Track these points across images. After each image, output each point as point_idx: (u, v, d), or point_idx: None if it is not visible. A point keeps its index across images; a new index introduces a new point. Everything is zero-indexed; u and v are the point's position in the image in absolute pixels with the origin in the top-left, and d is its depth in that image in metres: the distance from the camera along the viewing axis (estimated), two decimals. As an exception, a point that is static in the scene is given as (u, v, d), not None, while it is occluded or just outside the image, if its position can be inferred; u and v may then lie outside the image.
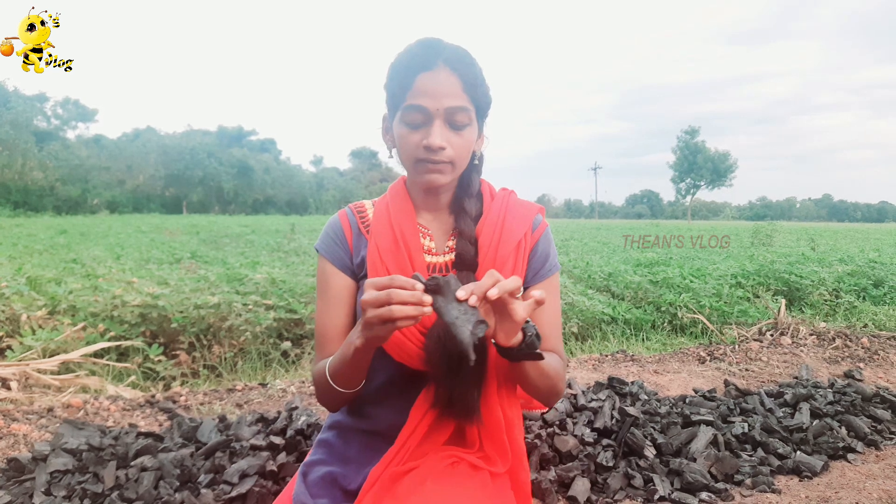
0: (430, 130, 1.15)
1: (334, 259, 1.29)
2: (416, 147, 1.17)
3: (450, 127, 1.17)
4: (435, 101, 1.14)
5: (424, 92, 1.14)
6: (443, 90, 1.14)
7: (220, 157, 56.86)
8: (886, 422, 2.57)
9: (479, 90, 1.19)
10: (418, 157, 1.17)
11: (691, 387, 3.06)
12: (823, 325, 4.42)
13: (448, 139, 1.16)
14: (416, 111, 1.15)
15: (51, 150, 42.76)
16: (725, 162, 78.87)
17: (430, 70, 1.14)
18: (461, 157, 1.20)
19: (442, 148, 1.16)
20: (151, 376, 3.64)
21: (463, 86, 1.16)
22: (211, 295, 4.47)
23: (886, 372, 3.44)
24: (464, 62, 1.16)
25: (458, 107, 1.15)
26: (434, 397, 1.21)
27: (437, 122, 1.15)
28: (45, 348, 3.48)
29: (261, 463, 1.94)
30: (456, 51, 1.17)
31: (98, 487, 1.81)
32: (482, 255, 1.22)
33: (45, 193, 40.06)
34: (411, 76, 1.14)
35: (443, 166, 1.18)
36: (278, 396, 2.90)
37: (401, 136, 1.19)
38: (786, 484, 2.05)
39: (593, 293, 6.09)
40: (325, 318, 1.29)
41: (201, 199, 55.86)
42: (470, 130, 1.19)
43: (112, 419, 2.53)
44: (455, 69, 1.15)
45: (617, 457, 2.13)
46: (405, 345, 1.20)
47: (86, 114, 56.70)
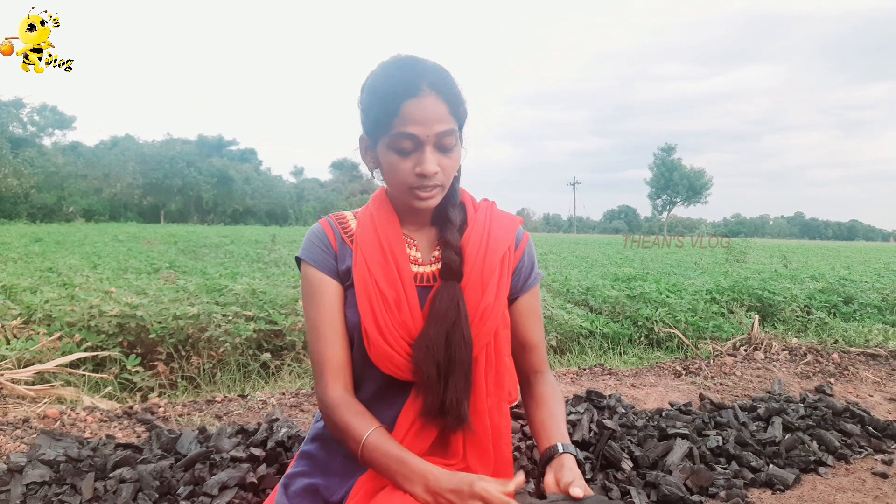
0: (423, 157, 1.15)
1: (323, 265, 1.28)
2: (408, 174, 1.17)
3: (439, 151, 1.17)
4: (425, 129, 1.14)
5: (413, 120, 1.13)
6: (432, 117, 1.14)
7: (199, 167, 56.27)
8: (856, 436, 2.63)
9: (461, 108, 1.20)
10: (411, 184, 1.18)
11: (667, 400, 3.10)
12: (795, 341, 4.51)
13: (439, 163, 1.17)
14: (406, 139, 1.15)
15: (26, 157, 41.94)
16: (701, 179, 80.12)
17: (416, 97, 1.13)
18: (450, 177, 1.22)
19: (435, 174, 1.17)
20: (128, 387, 3.59)
21: (448, 109, 1.16)
22: (190, 305, 4.43)
23: (856, 387, 3.52)
24: (447, 84, 1.17)
25: (447, 131, 1.16)
26: (423, 406, 1.23)
27: (427, 148, 1.15)
28: (20, 358, 3.42)
29: (241, 475, 1.93)
30: (437, 72, 1.17)
31: (76, 499, 1.79)
32: (469, 266, 1.24)
33: (20, 200, 39.28)
34: (397, 103, 1.13)
35: (435, 191, 1.20)
36: (258, 408, 2.89)
37: (390, 163, 1.18)
38: (759, 497, 2.10)
39: (572, 307, 6.14)
40: (323, 328, 1.26)
41: (180, 209, 55.20)
42: (457, 149, 1.21)
43: (89, 430, 2.50)
44: (440, 93, 1.15)
45: (595, 469, 2.16)
46: (393, 357, 1.21)
47: (63, 121, 55.75)
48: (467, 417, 1.24)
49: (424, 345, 1.20)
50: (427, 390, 1.21)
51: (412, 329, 1.22)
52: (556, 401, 1.33)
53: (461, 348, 1.20)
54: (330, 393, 1.24)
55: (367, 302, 1.21)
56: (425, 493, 1.08)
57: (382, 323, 1.20)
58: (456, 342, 1.20)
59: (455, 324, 1.20)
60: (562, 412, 1.31)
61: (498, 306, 1.25)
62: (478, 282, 1.23)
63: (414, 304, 1.23)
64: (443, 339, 1.19)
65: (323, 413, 1.26)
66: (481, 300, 1.23)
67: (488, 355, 1.27)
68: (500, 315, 1.27)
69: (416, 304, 1.24)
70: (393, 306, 1.22)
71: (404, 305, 1.22)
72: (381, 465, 1.15)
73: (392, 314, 1.21)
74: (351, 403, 1.24)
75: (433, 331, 1.20)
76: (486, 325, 1.24)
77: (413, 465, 1.12)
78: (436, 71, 1.17)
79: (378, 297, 1.21)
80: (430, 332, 1.20)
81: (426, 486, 1.09)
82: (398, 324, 1.22)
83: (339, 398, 1.23)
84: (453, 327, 1.20)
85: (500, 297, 1.26)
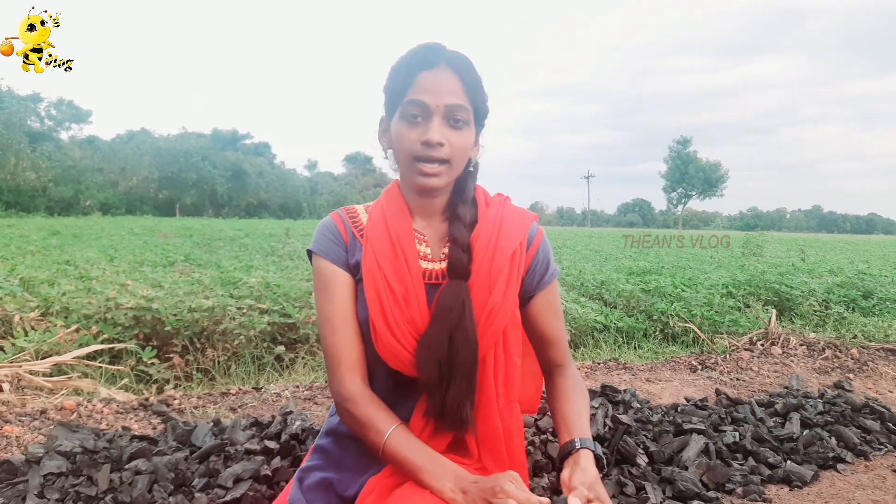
0: (429, 126, 1.16)
1: (334, 257, 1.27)
2: (413, 143, 1.17)
3: (448, 125, 1.17)
4: (436, 98, 1.15)
5: (426, 89, 1.16)
6: (444, 88, 1.16)
7: (214, 160, 56.56)
8: (875, 432, 2.60)
9: (479, 96, 1.21)
10: (415, 153, 1.18)
11: (683, 395, 3.08)
12: (813, 336, 4.46)
13: (446, 136, 1.17)
14: (416, 106, 1.16)
15: (44, 151, 42.44)
16: (716, 172, 79.27)
17: (433, 69, 1.16)
18: (458, 157, 1.20)
19: (440, 144, 1.16)
20: (144, 379, 3.63)
21: (464, 87, 1.17)
22: (205, 298, 4.46)
23: (875, 383, 3.47)
24: (465, 66, 1.19)
25: (459, 105, 1.17)
26: (426, 407, 1.22)
27: (436, 118, 1.16)
28: (38, 350, 3.47)
29: (255, 467, 1.94)
30: (458, 55, 1.20)
31: (92, 490, 1.81)
32: (477, 264, 1.22)
33: (38, 194, 39.79)
34: (413, 74, 1.16)
35: (439, 167, 1.18)
36: (272, 401, 2.90)
37: (399, 133, 1.19)
38: (776, 493, 2.07)
39: (586, 301, 6.11)
40: (336, 320, 1.25)
41: (195, 202, 55.55)
42: (468, 131, 1.20)
43: (105, 422, 2.52)
44: (457, 70, 1.18)
45: (609, 464, 2.15)
46: (400, 353, 1.20)
47: (80, 115, 56.42)
48: (469, 420, 1.22)
49: (427, 344, 1.18)
50: (429, 391, 1.20)
51: (419, 325, 1.21)
52: (578, 394, 1.31)
53: (464, 349, 1.18)
54: (348, 385, 1.22)
55: (376, 296, 1.20)
56: (454, 492, 1.07)
57: (391, 317, 1.19)
58: (459, 343, 1.17)
59: (459, 324, 1.17)
60: (584, 406, 1.29)
61: (506, 305, 1.22)
62: (485, 280, 1.21)
63: (422, 301, 1.21)
64: (445, 339, 1.17)
65: (339, 407, 1.24)
66: (489, 299, 1.20)
67: (496, 356, 1.24)
68: (508, 314, 1.23)
69: (424, 301, 1.22)
70: (401, 301, 1.20)
71: (413, 301, 1.21)
72: (405, 461, 1.14)
73: (400, 309, 1.20)
74: (371, 397, 1.22)
75: (436, 330, 1.18)
76: (493, 324, 1.21)
77: (442, 462, 1.13)
78: (457, 53, 1.20)
79: (387, 292, 1.20)
80: (433, 331, 1.19)
81: (455, 484, 1.08)
82: (406, 319, 1.20)
83: (357, 392, 1.22)
84: (457, 327, 1.17)
85: (508, 296, 1.22)
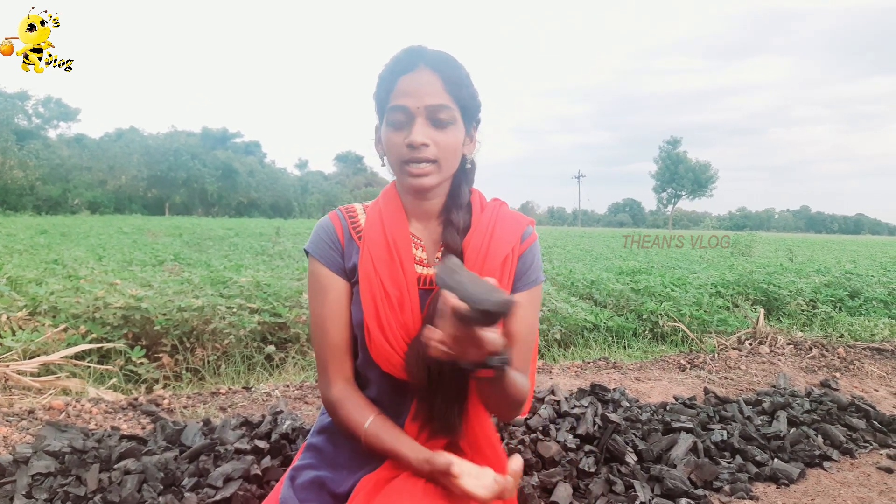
0: (412, 129, 1.16)
1: (329, 262, 1.27)
2: (400, 147, 1.18)
3: (432, 125, 1.18)
4: (415, 100, 1.16)
5: (406, 92, 1.16)
6: (423, 89, 1.16)
7: (203, 159, 56.15)
8: (861, 430, 2.63)
9: (464, 91, 1.20)
10: (402, 157, 1.18)
11: (672, 394, 3.10)
12: (801, 335, 4.50)
13: (431, 137, 1.17)
14: (399, 111, 1.17)
15: (31, 149, 41.99)
16: (706, 172, 79.86)
17: (412, 71, 1.17)
18: (446, 156, 1.20)
19: (424, 145, 1.16)
20: (133, 379, 3.61)
21: (444, 84, 1.17)
22: (195, 298, 4.44)
23: (861, 382, 3.51)
24: (446, 63, 1.19)
25: (439, 104, 1.17)
26: (416, 411, 1.22)
27: (418, 120, 1.17)
28: (26, 349, 3.44)
29: (245, 467, 1.94)
30: (438, 54, 1.20)
31: (81, 490, 1.80)
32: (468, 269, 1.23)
33: (25, 193, 39.36)
34: (394, 79, 1.18)
35: (427, 166, 1.18)
36: (262, 400, 2.90)
37: (387, 139, 1.20)
38: (763, 491, 2.10)
39: (576, 300, 6.13)
40: (328, 325, 1.26)
41: (184, 201, 55.16)
42: (454, 129, 1.20)
43: (94, 422, 2.51)
44: (436, 69, 1.18)
45: (599, 463, 2.16)
46: (392, 357, 1.20)
47: (68, 113, 55.84)
48: (458, 425, 1.23)
49: (416, 350, 1.18)
50: (419, 395, 1.21)
51: (412, 330, 1.21)
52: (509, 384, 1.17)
53: None
54: (333, 390, 1.26)
55: (371, 299, 1.20)
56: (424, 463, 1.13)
57: (385, 321, 1.19)
58: None
59: None
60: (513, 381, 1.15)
61: None
62: None
63: (415, 306, 1.22)
64: None
65: (327, 408, 1.27)
66: None
67: None
68: None
69: (417, 306, 1.22)
70: (396, 305, 1.20)
71: (407, 306, 1.21)
72: (383, 446, 1.18)
73: (394, 313, 1.20)
74: (352, 397, 1.25)
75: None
76: None
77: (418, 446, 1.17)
78: (437, 53, 1.20)
79: (382, 296, 1.20)
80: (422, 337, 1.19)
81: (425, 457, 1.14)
82: (399, 324, 1.20)
83: (340, 396, 1.25)
84: None
85: None
